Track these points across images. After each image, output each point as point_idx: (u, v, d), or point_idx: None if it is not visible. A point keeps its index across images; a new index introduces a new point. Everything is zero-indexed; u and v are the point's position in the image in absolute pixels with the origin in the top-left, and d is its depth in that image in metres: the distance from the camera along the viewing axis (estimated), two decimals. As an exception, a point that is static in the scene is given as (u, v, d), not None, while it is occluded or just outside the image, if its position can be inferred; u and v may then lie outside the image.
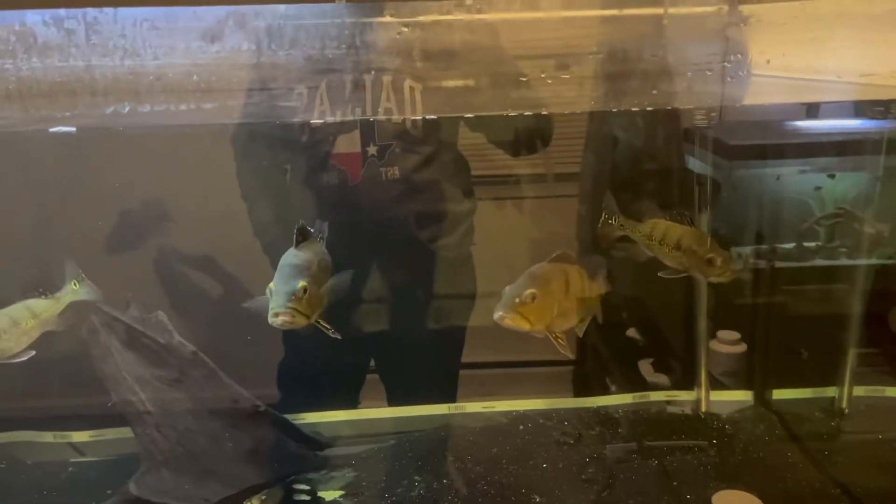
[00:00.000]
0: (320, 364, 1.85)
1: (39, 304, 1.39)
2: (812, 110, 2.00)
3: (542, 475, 1.60)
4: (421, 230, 1.80)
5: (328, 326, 1.24)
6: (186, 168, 1.65)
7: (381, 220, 1.76)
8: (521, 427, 1.77)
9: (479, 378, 2.19)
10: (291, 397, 1.84)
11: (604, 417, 1.79)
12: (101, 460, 1.76)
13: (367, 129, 1.68)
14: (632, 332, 2.45)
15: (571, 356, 1.20)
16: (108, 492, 1.53)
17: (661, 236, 1.35)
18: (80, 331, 1.51)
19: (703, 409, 1.75)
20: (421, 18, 1.04)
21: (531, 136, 1.75)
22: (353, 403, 1.94)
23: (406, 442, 1.78)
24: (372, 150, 1.67)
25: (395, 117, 1.11)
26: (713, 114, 1.76)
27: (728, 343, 2.06)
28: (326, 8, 1.06)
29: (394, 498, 1.55)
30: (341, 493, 1.64)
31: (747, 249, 2.04)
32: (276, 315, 1.13)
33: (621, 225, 1.41)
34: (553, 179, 2.22)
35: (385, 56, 1.05)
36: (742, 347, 2.05)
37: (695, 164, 1.97)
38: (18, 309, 1.35)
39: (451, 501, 1.51)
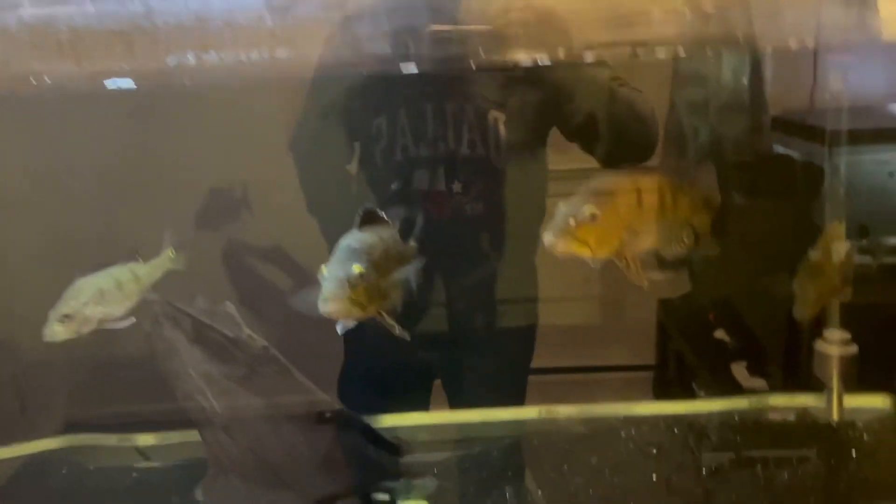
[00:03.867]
0: (384, 367, 1.71)
1: (140, 269, 1.29)
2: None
3: (651, 486, 1.42)
4: (495, 253, 1.68)
5: (393, 323, 1.09)
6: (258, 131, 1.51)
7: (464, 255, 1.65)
8: (622, 434, 1.59)
9: (548, 384, 2.01)
10: (353, 402, 1.69)
11: (714, 424, 1.60)
12: (166, 465, 1.63)
13: (451, 165, 1.55)
14: (720, 333, 2.26)
15: (645, 284, 0.98)
16: (174, 498, 1.41)
17: None
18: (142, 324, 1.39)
19: (836, 416, 1.54)
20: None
21: (633, 142, 1.58)
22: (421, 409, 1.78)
23: (492, 448, 1.62)
24: (458, 187, 1.55)
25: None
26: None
27: (837, 344, 1.82)
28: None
29: None
30: (424, 503, 1.48)
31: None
32: (326, 302, 0.97)
33: None
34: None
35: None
36: (853, 349, 1.81)
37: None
38: (122, 271, 1.25)
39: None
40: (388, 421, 1.63)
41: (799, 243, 1.33)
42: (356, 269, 0.97)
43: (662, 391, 2.44)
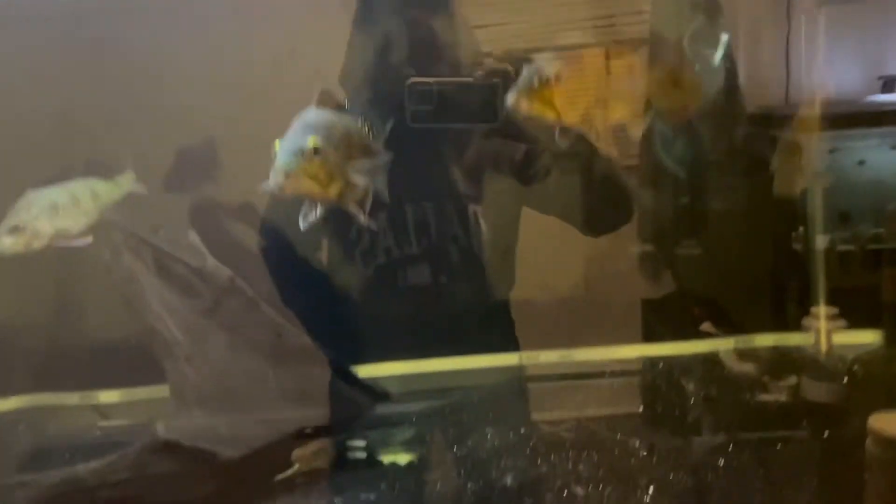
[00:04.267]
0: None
1: (100, 186, 1.21)
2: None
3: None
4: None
5: (358, 211, 1.01)
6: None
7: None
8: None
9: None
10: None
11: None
12: (132, 424, 1.55)
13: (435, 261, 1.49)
14: (706, 327, 2.20)
15: (614, 154, 0.93)
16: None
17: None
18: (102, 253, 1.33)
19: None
20: None
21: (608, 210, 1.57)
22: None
23: (473, 396, 1.55)
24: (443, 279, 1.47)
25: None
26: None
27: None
28: None
29: (462, 453, 1.32)
30: (401, 451, 1.41)
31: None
32: (277, 173, 0.90)
33: None
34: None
35: None
36: (840, 323, 1.75)
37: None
38: (79, 187, 1.17)
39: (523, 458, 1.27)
40: (367, 371, 1.56)
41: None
42: (311, 141, 0.90)
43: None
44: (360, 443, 1.44)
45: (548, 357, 1.61)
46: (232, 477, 1.26)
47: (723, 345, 1.56)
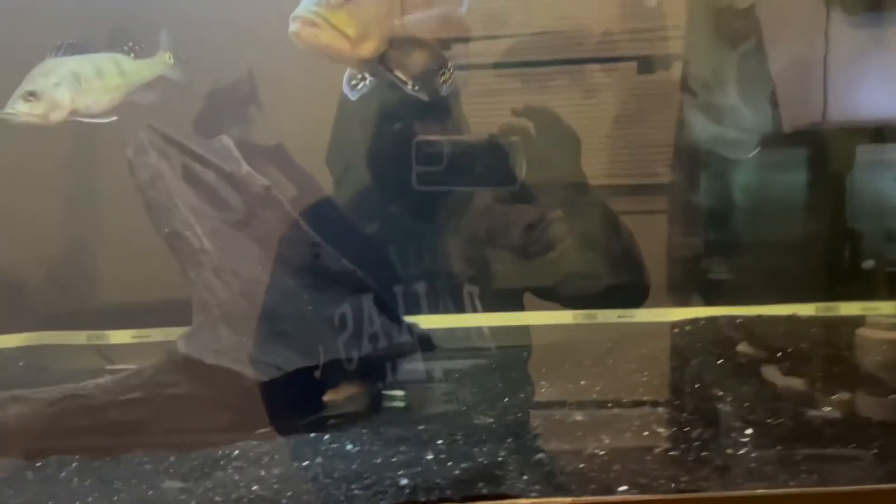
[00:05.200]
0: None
1: (127, 62, 1.07)
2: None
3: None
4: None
5: (400, 75, 0.87)
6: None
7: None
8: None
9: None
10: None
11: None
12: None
13: None
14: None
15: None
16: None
17: None
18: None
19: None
20: None
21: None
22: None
23: (522, 353, 1.41)
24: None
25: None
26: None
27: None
28: None
29: (499, 411, 1.17)
30: (439, 406, 1.26)
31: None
32: (296, 21, 0.76)
33: None
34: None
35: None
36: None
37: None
38: (105, 60, 1.04)
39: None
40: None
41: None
42: None
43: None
44: (399, 392, 1.29)
45: (606, 316, 1.46)
46: (257, 404, 1.11)
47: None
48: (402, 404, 1.27)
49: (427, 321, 1.38)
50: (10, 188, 1.41)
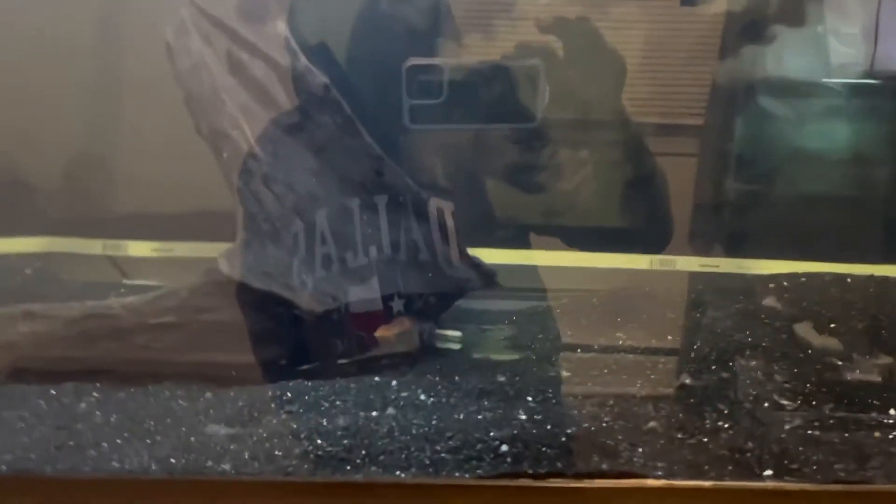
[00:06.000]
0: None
1: None
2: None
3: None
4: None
5: None
6: None
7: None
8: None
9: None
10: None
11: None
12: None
13: None
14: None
15: None
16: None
17: None
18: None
19: None
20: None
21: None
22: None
23: (590, 299, 1.25)
24: None
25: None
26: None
27: None
28: None
29: (577, 364, 1.02)
30: (503, 353, 1.11)
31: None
32: None
33: None
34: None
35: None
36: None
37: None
38: None
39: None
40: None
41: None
42: None
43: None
44: (455, 333, 1.14)
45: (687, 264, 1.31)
46: (308, 337, 0.95)
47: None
48: (457, 346, 1.13)
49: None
50: (20, 69, 1.22)
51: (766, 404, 0.86)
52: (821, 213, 1.34)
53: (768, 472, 0.71)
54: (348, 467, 0.71)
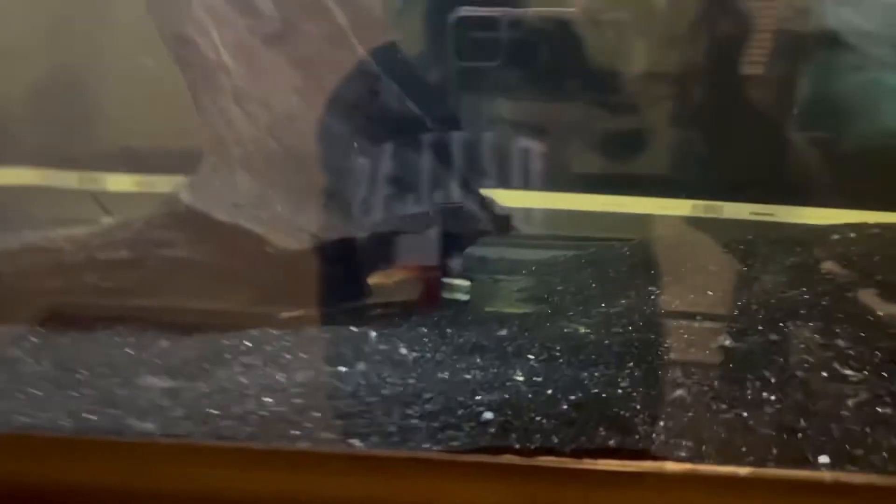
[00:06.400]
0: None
1: None
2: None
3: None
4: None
5: None
6: None
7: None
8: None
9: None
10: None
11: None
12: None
13: None
14: None
15: None
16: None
17: None
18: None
19: None
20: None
21: None
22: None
23: (621, 248, 1.09)
24: None
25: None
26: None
27: None
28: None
29: (600, 320, 0.87)
30: (505, 303, 0.97)
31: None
32: None
33: None
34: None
35: None
36: None
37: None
38: None
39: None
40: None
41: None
42: None
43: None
44: (463, 282, 1.00)
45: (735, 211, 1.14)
46: (283, 279, 0.82)
47: None
48: (465, 297, 0.99)
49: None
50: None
51: (825, 374, 0.70)
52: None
53: (824, 459, 0.55)
54: (295, 432, 0.57)
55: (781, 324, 0.80)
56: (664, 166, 1.18)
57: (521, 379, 0.66)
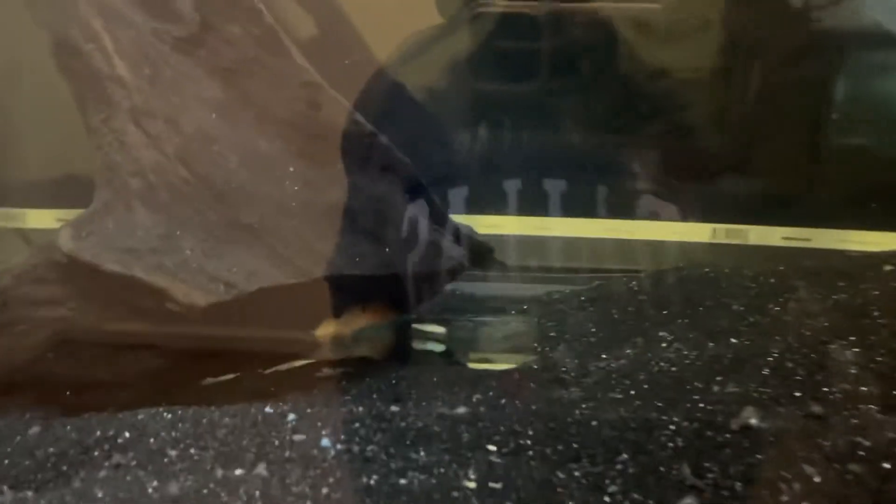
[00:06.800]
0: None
1: None
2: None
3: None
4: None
5: None
6: None
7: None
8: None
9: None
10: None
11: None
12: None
13: None
14: None
15: None
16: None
17: None
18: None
19: None
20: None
21: None
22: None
23: (629, 282, 0.91)
24: None
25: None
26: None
27: None
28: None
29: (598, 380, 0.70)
30: (484, 356, 0.81)
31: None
32: None
33: None
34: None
35: None
36: None
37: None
38: None
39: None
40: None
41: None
42: None
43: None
44: (437, 329, 0.84)
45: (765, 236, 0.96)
46: (189, 345, 0.66)
47: None
48: (440, 348, 0.83)
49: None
50: None
51: (887, 465, 0.52)
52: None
53: None
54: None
55: (826, 388, 0.63)
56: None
57: (471, 486, 0.49)
